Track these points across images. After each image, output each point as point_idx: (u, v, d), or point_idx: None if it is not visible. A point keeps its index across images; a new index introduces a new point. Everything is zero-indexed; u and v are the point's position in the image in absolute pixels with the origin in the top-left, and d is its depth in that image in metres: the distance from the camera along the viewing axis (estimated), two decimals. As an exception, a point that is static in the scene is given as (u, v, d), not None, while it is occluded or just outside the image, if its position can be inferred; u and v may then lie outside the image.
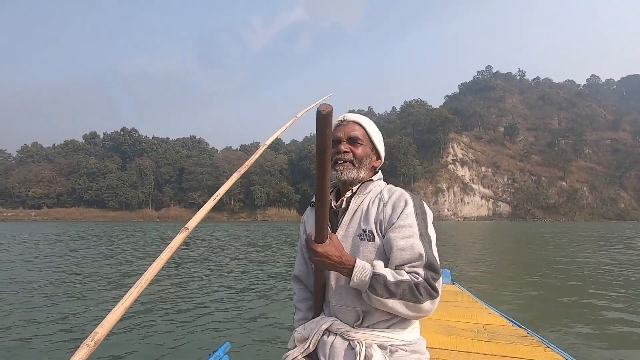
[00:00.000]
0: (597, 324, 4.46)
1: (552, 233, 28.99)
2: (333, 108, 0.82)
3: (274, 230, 32.40)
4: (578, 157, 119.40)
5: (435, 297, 0.96)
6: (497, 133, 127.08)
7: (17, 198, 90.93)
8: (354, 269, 0.99)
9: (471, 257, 11.98)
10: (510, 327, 2.52)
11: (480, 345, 2.16)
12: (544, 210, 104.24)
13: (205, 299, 5.65)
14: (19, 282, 7.01)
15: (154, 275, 0.80)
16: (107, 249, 14.27)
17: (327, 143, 0.84)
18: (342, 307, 1.08)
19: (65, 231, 28.91)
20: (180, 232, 0.89)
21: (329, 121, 0.82)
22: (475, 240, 21.00)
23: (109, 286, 6.72)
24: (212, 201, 1.03)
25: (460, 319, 2.73)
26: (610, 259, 11.09)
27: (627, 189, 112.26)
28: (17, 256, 11.35)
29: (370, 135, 1.18)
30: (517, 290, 6.60)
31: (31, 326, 4.29)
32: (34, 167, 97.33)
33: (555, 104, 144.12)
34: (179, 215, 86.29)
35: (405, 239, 1.01)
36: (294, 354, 1.10)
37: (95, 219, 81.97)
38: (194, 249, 14.06)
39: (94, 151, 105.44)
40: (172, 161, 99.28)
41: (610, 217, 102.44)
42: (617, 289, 6.66)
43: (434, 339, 2.26)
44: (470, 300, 3.41)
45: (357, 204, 1.14)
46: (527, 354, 2.02)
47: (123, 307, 0.72)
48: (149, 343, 3.70)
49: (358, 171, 1.14)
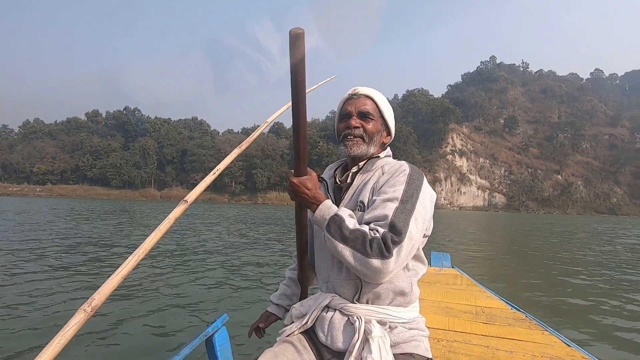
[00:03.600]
0: (592, 309, 4.60)
1: (545, 224, 30.55)
2: (305, 31, 0.76)
3: (277, 212, 33.98)
4: (575, 151, 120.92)
5: (386, 258, 0.90)
6: (497, 125, 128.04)
7: (22, 173, 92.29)
8: (321, 205, 0.99)
9: (469, 244, 12.42)
10: (508, 310, 2.53)
11: (478, 327, 2.18)
12: (538, 202, 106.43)
13: (203, 273, 5.74)
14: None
15: (152, 246, 0.79)
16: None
17: (298, 68, 0.79)
18: (341, 281, 1.06)
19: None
20: (180, 205, 0.89)
21: (299, 43, 0.76)
22: (476, 230, 21.30)
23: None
24: (212, 175, 1.02)
25: (459, 301, 2.74)
26: (599, 250, 11.65)
27: (620, 184, 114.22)
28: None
29: (382, 110, 1.15)
30: (514, 275, 6.78)
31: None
32: (38, 143, 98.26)
33: (556, 97, 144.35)
34: (180, 195, 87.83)
35: (382, 199, 0.99)
36: (291, 329, 1.08)
37: (99, 197, 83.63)
38: (194, 225, 14.70)
39: (97, 129, 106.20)
40: (175, 142, 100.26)
41: (602, 211, 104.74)
42: (610, 275, 7.05)
43: (432, 319, 2.29)
44: (469, 283, 3.43)
45: (361, 179, 1.12)
46: (525, 336, 2.04)
47: (120, 276, 0.72)
48: (146, 315, 3.74)
49: (368, 147, 1.12)
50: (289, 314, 1.17)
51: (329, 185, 1.20)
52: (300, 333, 1.09)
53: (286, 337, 1.08)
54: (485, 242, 13.97)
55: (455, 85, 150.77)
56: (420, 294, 1.13)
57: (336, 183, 1.18)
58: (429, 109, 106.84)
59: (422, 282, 3.31)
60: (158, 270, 5.89)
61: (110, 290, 0.70)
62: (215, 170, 1.03)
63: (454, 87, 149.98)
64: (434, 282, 3.42)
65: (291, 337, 1.08)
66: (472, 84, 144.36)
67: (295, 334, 1.08)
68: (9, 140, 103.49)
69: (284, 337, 1.09)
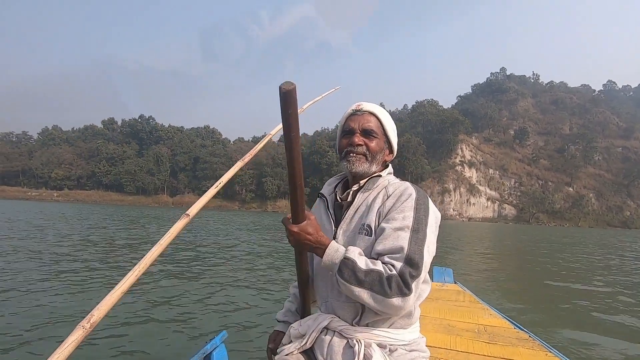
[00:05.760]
0: (599, 329, 4.48)
1: (556, 237, 30.52)
2: (296, 86, 0.76)
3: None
4: (587, 163, 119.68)
5: (406, 295, 0.88)
6: (507, 136, 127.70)
7: (40, 179, 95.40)
8: (327, 249, 0.96)
9: (475, 257, 12.29)
10: (511, 330, 2.47)
11: (480, 346, 2.13)
12: (549, 214, 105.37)
13: (203, 288, 5.61)
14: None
15: (152, 261, 0.78)
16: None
17: (290, 123, 0.79)
18: (340, 304, 1.04)
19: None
20: (181, 219, 0.87)
21: (290, 99, 0.75)
22: (483, 241, 20.99)
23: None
24: (214, 189, 1.00)
25: (461, 319, 2.69)
26: (612, 264, 11.52)
27: (634, 197, 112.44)
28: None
29: (386, 128, 1.13)
30: (519, 292, 6.61)
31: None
32: (56, 149, 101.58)
33: (568, 109, 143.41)
34: (192, 202, 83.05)
35: (393, 228, 0.96)
36: (289, 349, 1.06)
37: (113, 202, 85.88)
38: (198, 235, 14.33)
39: (112, 136, 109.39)
40: (187, 150, 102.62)
41: (615, 224, 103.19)
42: (621, 294, 6.82)
43: (434, 337, 2.24)
44: (472, 300, 3.37)
45: (363, 198, 1.10)
46: (527, 357, 1.98)
47: (120, 291, 0.71)
48: (144, 330, 3.64)
49: (370, 165, 1.10)
50: (287, 333, 1.14)
51: (329, 202, 1.18)
52: (300, 353, 1.06)
53: (285, 355, 1.07)
54: (491, 254, 14.04)
55: (465, 96, 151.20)
56: (421, 311, 1.12)
57: (337, 200, 1.17)
58: (439, 120, 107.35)
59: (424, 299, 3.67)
60: (153, 283, 5.70)
61: (110, 306, 0.68)
62: (218, 183, 1.02)
63: (464, 97, 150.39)
64: (435, 298, 3.35)
65: (290, 356, 1.06)
66: (482, 95, 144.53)
67: (294, 354, 1.06)
68: (28, 146, 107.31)
69: (283, 356, 1.07)
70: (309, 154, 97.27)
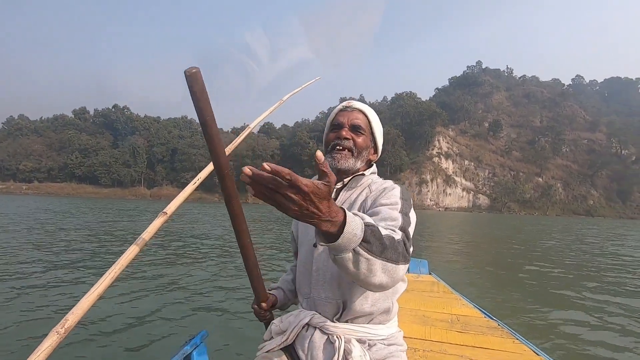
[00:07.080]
0: (563, 315, 4.62)
1: (526, 225, 32.19)
2: (199, 69, 0.70)
3: (269, 213, 34.69)
4: (556, 155, 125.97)
5: (407, 263, 0.81)
6: (482, 128, 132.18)
7: (7, 171, 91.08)
8: (347, 218, 0.67)
9: (450, 246, 12.48)
10: (482, 319, 2.58)
11: (453, 336, 2.22)
12: (520, 204, 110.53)
13: (182, 285, 5.40)
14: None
15: (128, 262, 0.75)
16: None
17: (201, 107, 0.72)
18: (322, 300, 1.04)
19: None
20: (159, 217, 0.84)
21: (196, 82, 0.69)
22: (457, 231, 21.32)
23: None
24: (192, 185, 0.97)
25: (436, 310, 2.78)
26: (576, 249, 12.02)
27: (597, 187, 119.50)
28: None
29: (373, 127, 1.14)
30: (490, 281, 6.81)
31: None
32: (23, 140, 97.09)
33: (539, 102, 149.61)
34: (171, 194, 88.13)
35: (384, 204, 0.97)
36: (271, 345, 1.06)
37: (88, 195, 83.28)
38: (176, 229, 13.86)
39: (84, 127, 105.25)
40: (165, 141, 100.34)
41: (579, 213, 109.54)
42: (589, 281, 6.98)
43: (410, 328, 2.31)
44: (445, 290, 3.46)
45: (346, 197, 1.11)
46: (497, 345, 2.08)
47: (96, 294, 0.68)
48: (122, 330, 3.53)
49: (356, 161, 1.10)
50: (268, 330, 1.14)
51: None
52: (281, 349, 1.07)
53: (266, 352, 1.07)
54: (466, 243, 14.41)
55: (443, 89, 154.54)
56: (398, 302, 1.13)
57: None
58: (417, 112, 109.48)
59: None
60: (131, 280, 5.51)
61: (85, 310, 0.66)
62: (195, 179, 0.99)
63: (442, 90, 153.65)
64: (411, 289, 3.41)
65: (271, 353, 1.07)
66: (459, 88, 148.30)
67: (275, 350, 1.06)
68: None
69: (264, 352, 1.08)
70: (289, 145, 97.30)
